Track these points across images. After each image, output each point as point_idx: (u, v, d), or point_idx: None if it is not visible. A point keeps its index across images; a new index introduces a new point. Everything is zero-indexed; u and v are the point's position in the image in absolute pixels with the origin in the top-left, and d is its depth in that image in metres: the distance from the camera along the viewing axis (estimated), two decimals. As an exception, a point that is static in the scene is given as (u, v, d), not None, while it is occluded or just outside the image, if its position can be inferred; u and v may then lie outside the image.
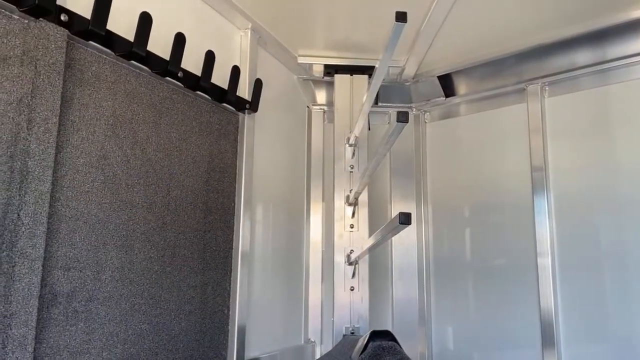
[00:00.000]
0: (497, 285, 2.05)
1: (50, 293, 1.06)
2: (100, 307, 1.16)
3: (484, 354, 2.06)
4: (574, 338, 1.84)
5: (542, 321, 1.88)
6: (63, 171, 1.10)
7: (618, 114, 1.82)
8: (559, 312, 1.87)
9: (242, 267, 1.63)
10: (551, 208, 1.94)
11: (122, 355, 1.21)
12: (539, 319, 1.89)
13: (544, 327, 1.88)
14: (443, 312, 2.18)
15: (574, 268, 1.86)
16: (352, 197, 1.81)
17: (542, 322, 1.88)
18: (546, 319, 1.87)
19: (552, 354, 1.84)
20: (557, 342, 1.85)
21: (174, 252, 1.38)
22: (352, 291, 1.83)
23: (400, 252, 2.19)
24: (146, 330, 1.28)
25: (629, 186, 1.78)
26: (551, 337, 1.85)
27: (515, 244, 2.01)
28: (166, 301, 1.35)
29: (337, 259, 1.86)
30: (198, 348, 1.44)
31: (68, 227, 1.10)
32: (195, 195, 1.48)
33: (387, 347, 1.17)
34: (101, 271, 1.17)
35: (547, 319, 1.87)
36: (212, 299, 1.51)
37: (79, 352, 1.11)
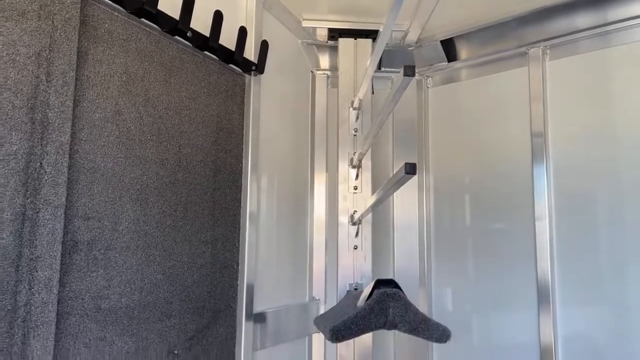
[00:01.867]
0: (496, 249, 2.11)
1: (72, 240, 1.11)
2: (118, 256, 1.22)
3: (482, 315, 2.14)
4: (569, 300, 1.91)
5: (539, 283, 1.94)
6: (80, 125, 1.14)
7: (619, 76, 1.85)
8: (555, 274, 1.93)
9: (250, 226, 1.68)
10: (550, 174, 1.99)
11: (139, 302, 1.27)
12: (535, 281, 1.95)
13: (540, 289, 1.94)
14: (443, 274, 2.25)
15: (570, 232, 1.92)
16: (355, 159, 1.85)
17: (539, 284, 1.94)
18: (542, 281, 1.93)
19: (548, 315, 1.91)
20: (553, 303, 1.92)
21: (185, 207, 1.43)
22: (356, 250, 1.89)
23: (402, 216, 2.25)
24: (161, 280, 1.34)
25: (627, 153, 1.82)
26: (547, 298, 1.91)
27: (514, 209, 2.07)
28: (179, 254, 1.40)
29: (341, 220, 1.91)
30: (209, 299, 1.50)
31: (86, 179, 1.15)
32: (205, 154, 1.52)
33: (391, 293, 1.23)
34: (118, 222, 1.22)
35: (543, 281, 1.93)
36: (222, 254, 1.57)
37: (99, 297, 1.17)
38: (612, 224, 1.83)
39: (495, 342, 2.09)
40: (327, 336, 1.24)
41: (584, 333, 1.89)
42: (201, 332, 1.46)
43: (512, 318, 2.06)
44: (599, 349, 1.85)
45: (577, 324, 1.89)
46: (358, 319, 1.22)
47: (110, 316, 1.19)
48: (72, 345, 1.10)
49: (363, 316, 1.22)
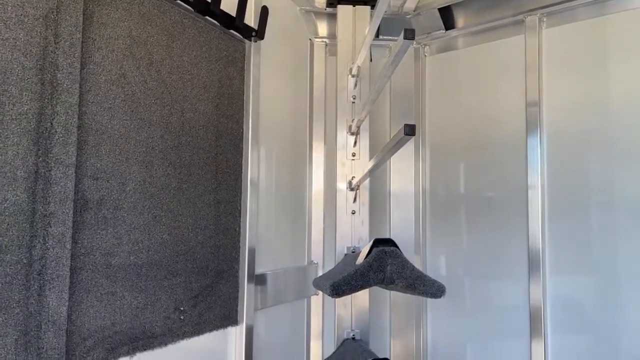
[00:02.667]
0: (489, 217, 2.17)
1: (82, 199, 1.15)
2: (126, 216, 1.26)
3: (475, 280, 2.21)
4: (559, 268, 1.98)
5: (530, 251, 2.01)
6: (87, 87, 1.17)
7: (615, 45, 1.88)
8: (545, 243, 2.00)
9: (250, 191, 1.72)
10: (543, 143, 2.03)
11: (147, 260, 1.32)
12: (526, 250, 2.02)
13: (531, 257, 2.01)
14: (437, 240, 2.31)
15: (562, 202, 1.97)
16: (354, 126, 1.89)
17: (530, 253, 2.01)
18: (533, 249, 2.00)
19: (538, 283, 1.98)
20: (543, 271, 1.99)
21: (189, 170, 1.47)
22: (354, 215, 1.94)
23: (398, 184, 2.30)
24: (167, 240, 1.38)
25: (622, 122, 1.86)
26: (537, 267, 1.98)
27: (508, 178, 2.12)
28: (184, 216, 1.45)
29: (339, 186, 1.96)
30: (213, 260, 1.55)
31: (94, 140, 1.18)
32: (207, 118, 1.55)
33: (389, 251, 1.29)
34: (125, 183, 1.26)
35: (534, 250, 2.00)
36: (224, 217, 1.61)
37: (109, 254, 1.21)
38: (603, 194, 1.89)
39: (487, 305, 2.17)
40: (328, 292, 1.30)
41: (572, 297, 1.96)
42: (206, 290, 1.52)
43: (503, 282, 2.14)
44: (586, 312, 1.93)
45: (566, 288, 1.97)
46: (357, 275, 1.28)
47: (120, 272, 1.24)
48: (85, 298, 1.15)
49: (362, 273, 1.28)
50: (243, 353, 1.66)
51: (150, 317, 1.32)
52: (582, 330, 1.92)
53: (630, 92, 1.85)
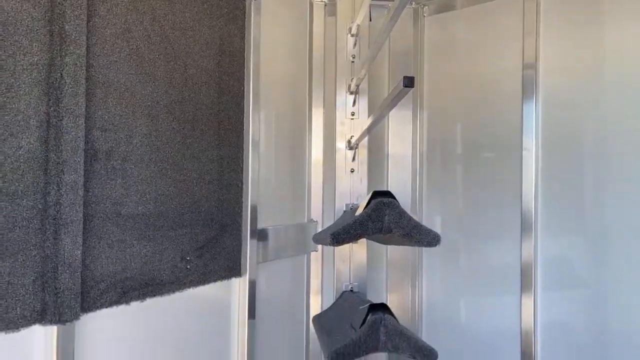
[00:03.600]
0: (484, 178, 2.23)
1: (92, 149, 1.19)
2: (134, 168, 1.31)
3: (469, 241, 2.28)
4: (551, 227, 2.04)
5: (522, 212, 2.07)
6: (93, 40, 1.19)
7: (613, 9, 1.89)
8: (538, 203, 2.06)
9: (252, 148, 1.76)
10: (539, 106, 2.07)
11: (154, 211, 1.37)
12: (519, 210, 2.08)
13: (523, 217, 2.07)
14: (433, 202, 2.37)
15: (556, 162, 2.03)
16: (353, 85, 1.92)
17: (522, 213, 2.07)
18: (526, 209, 2.06)
19: (529, 242, 2.05)
20: (535, 231, 2.06)
21: (193, 126, 1.51)
22: (352, 173, 1.99)
23: (396, 145, 2.34)
24: (173, 193, 1.43)
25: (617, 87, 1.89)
26: (529, 226, 2.05)
27: (503, 140, 2.17)
28: (188, 170, 1.49)
29: (338, 145, 2.00)
30: (217, 213, 1.61)
31: (102, 92, 1.21)
32: (209, 75, 1.58)
33: (387, 202, 1.34)
34: (132, 135, 1.30)
35: (527, 210, 2.06)
36: (227, 172, 1.66)
37: (118, 203, 1.26)
38: (596, 158, 1.93)
39: (480, 263, 2.25)
40: (328, 241, 1.36)
41: (562, 255, 2.04)
42: (210, 242, 1.58)
43: (496, 241, 2.21)
44: (575, 270, 2.00)
45: (556, 247, 2.04)
46: (356, 224, 1.34)
47: (129, 221, 1.29)
48: (97, 244, 1.21)
49: (361, 222, 1.34)
50: (246, 303, 1.73)
51: (159, 265, 1.38)
52: (571, 286, 2.01)
53: (627, 56, 1.87)
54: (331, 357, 1.30)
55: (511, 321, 2.11)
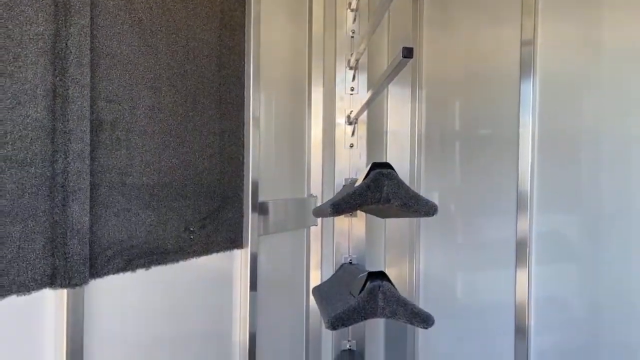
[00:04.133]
0: (482, 155, 2.26)
1: (97, 120, 1.21)
2: (138, 139, 1.33)
3: (465, 216, 2.32)
4: (546, 204, 2.08)
5: (519, 188, 2.11)
6: (97, 11, 1.20)
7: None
8: (534, 179, 2.09)
9: (253, 122, 1.78)
10: (536, 83, 2.09)
11: (158, 181, 1.40)
12: (515, 187, 2.12)
13: (519, 194, 2.11)
14: (431, 177, 2.41)
15: (553, 141, 2.05)
16: (353, 60, 1.93)
17: (518, 189, 2.11)
18: (522, 186, 2.10)
19: (525, 217, 2.09)
20: (530, 207, 2.10)
21: (194, 99, 1.53)
22: (352, 148, 2.02)
23: (395, 121, 2.36)
24: (176, 164, 1.46)
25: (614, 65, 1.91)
26: (525, 202, 2.09)
27: (501, 116, 2.19)
28: (190, 142, 1.52)
29: (338, 120, 2.03)
30: (219, 186, 1.64)
31: (106, 63, 1.23)
32: (210, 49, 1.59)
33: (386, 173, 1.38)
34: (135, 107, 1.32)
35: (523, 187, 2.10)
36: (228, 146, 1.69)
37: (124, 173, 1.29)
38: (593, 135, 1.96)
39: (476, 239, 2.30)
40: (328, 211, 1.39)
41: (557, 231, 2.08)
42: (213, 214, 1.61)
43: (492, 217, 2.25)
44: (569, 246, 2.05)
45: (551, 223, 2.08)
46: (356, 195, 1.37)
47: (134, 191, 1.32)
48: (104, 213, 1.24)
49: (360, 193, 1.37)
50: (248, 275, 1.77)
51: (163, 235, 1.42)
52: (565, 261, 2.05)
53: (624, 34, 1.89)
54: (331, 322, 1.34)
55: (506, 295, 2.17)
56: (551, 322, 2.07)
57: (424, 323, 1.37)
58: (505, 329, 2.15)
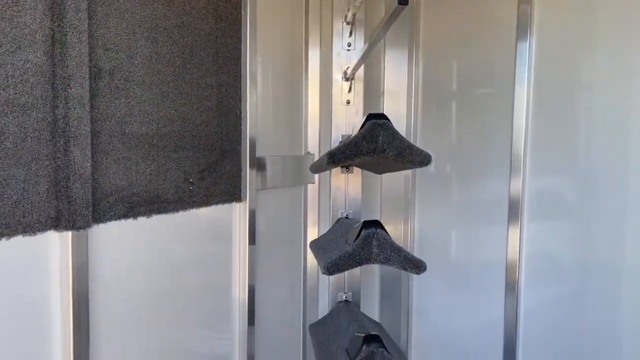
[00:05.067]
0: (477, 115, 2.27)
1: (96, 67, 1.23)
2: (136, 88, 1.35)
3: (460, 176, 2.36)
4: (540, 163, 2.10)
5: (513, 148, 2.13)
6: (92, -43, 1.20)
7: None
8: (528, 138, 2.11)
9: (250, 77, 1.79)
10: (532, 43, 2.09)
11: (157, 131, 1.42)
12: (510, 147, 2.14)
13: (513, 152, 2.13)
14: (428, 138, 2.42)
15: (548, 102, 2.06)
16: (350, 15, 1.93)
17: (513, 149, 2.13)
18: (516, 144, 2.12)
19: (518, 181, 2.12)
20: (524, 165, 2.12)
21: (191, 51, 1.54)
22: (348, 105, 2.04)
23: (392, 81, 2.37)
24: (174, 116, 1.48)
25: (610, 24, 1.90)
26: (518, 166, 2.11)
27: (497, 76, 2.20)
28: (188, 94, 1.54)
29: (334, 77, 2.03)
30: (217, 139, 1.66)
31: (103, 11, 1.24)
32: (207, 1, 1.59)
33: (381, 123, 1.40)
34: (133, 56, 1.34)
35: (517, 145, 2.12)
36: (226, 100, 1.70)
37: (123, 122, 1.31)
38: (588, 94, 1.97)
39: (470, 198, 2.34)
40: (325, 160, 1.42)
41: (549, 190, 2.12)
42: (211, 166, 1.64)
43: (487, 178, 2.28)
44: (561, 204, 2.08)
45: (544, 183, 2.11)
46: (351, 145, 1.40)
47: (133, 140, 1.35)
48: (105, 160, 1.27)
49: (356, 143, 1.40)
50: (247, 228, 1.82)
51: (163, 185, 1.45)
52: (557, 219, 2.10)
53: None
54: (327, 268, 1.39)
55: (498, 251, 2.22)
56: (541, 278, 2.13)
57: (417, 269, 1.42)
58: (496, 285, 2.22)
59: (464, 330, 2.35)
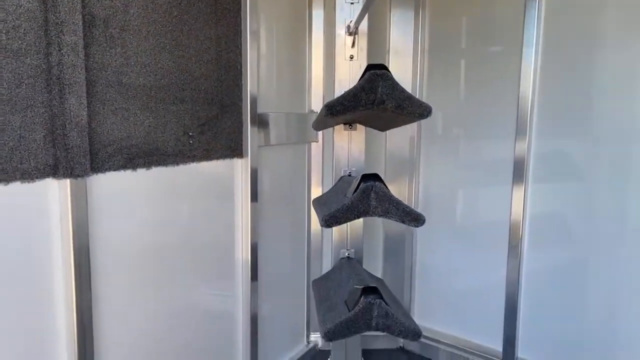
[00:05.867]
0: (484, 74, 2.22)
1: (90, 15, 1.21)
2: (132, 38, 1.33)
3: (466, 137, 2.32)
4: (546, 129, 2.06)
5: (519, 110, 2.09)
6: None
7: None
8: (535, 100, 2.07)
9: (250, 29, 1.76)
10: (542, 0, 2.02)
11: (155, 83, 1.41)
12: (516, 106, 2.10)
13: (519, 116, 2.09)
14: (434, 98, 2.38)
15: (556, 61, 2.01)
16: (353, -34, 1.87)
17: (519, 111, 2.09)
18: (523, 105, 2.07)
19: (524, 142, 2.08)
20: (530, 131, 2.08)
21: (189, 1, 1.51)
22: (352, 60, 2.00)
23: (398, 40, 2.32)
24: (172, 67, 1.47)
25: None
26: (524, 126, 2.07)
27: (505, 35, 2.13)
28: (186, 46, 1.52)
29: (338, 31, 1.99)
30: (217, 94, 1.65)
31: (95, -44, 1.22)
32: (204, -51, 1.55)
33: (380, 74, 1.37)
34: (129, 5, 1.32)
35: (523, 106, 2.07)
36: (225, 53, 1.68)
37: (119, 72, 1.31)
38: (597, 51, 1.91)
39: (475, 159, 2.31)
40: (323, 112, 1.41)
41: (555, 151, 2.08)
42: (211, 121, 1.64)
43: (492, 138, 2.25)
44: (567, 165, 2.05)
45: (550, 144, 2.07)
46: (350, 96, 1.38)
47: (131, 91, 1.34)
48: (102, 110, 1.27)
49: (354, 94, 1.38)
50: (249, 184, 1.82)
51: (162, 137, 1.45)
52: (562, 180, 2.07)
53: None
54: (325, 220, 1.39)
55: (501, 212, 2.21)
56: (545, 239, 2.12)
57: (415, 222, 1.42)
58: (499, 245, 2.21)
59: (467, 290, 2.36)
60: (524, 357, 2.17)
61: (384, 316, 1.40)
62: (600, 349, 1.99)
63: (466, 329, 2.37)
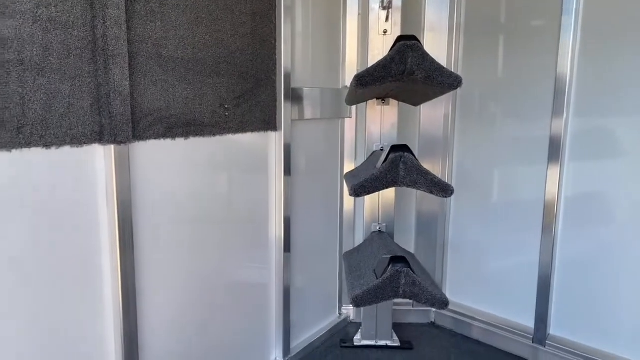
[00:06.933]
0: (521, 50, 2.17)
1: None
2: (172, 12, 1.40)
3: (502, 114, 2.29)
4: (584, 106, 2.00)
5: (556, 87, 2.03)
6: None
7: None
8: (574, 79, 2.01)
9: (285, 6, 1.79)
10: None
11: (192, 56, 1.48)
12: (554, 82, 2.04)
13: (557, 93, 2.04)
14: (471, 73, 2.35)
15: (595, 35, 1.94)
16: (387, -61, 1.86)
17: (556, 88, 2.04)
18: (560, 85, 2.02)
19: (560, 120, 2.04)
20: (567, 108, 2.03)
21: (225, -23, 1.56)
22: (385, 34, 2.01)
23: (433, 14, 2.29)
24: (209, 41, 1.53)
25: None
26: (562, 104, 2.02)
27: (544, 9, 2.08)
28: (222, 21, 1.57)
29: (372, 5, 2.00)
30: (252, 67, 1.70)
31: None
32: None
33: (411, 45, 1.38)
34: (168, -20, 1.38)
35: (560, 85, 2.02)
36: (260, 28, 1.72)
37: (159, 45, 1.37)
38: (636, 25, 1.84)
39: (510, 136, 2.27)
40: (353, 84, 1.44)
41: (594, 130, 2.02)
42: (246, 94, 1.69)
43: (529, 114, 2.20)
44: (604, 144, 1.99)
45: (587, 122, 2.02)
46: (380, 67, 1.40)
47: (170, 64, 1.41)
48: (143, 81, 1.34)
49: (384, 65, 1.40)
50: (282, 157, 1.88)
51: (199, 109, 1.52)
52: (600, 159, 2.02)
53: None
54: (354, 189, 1.43)
55: (536, 192, 2.18)
56: (580, 219, 2.08)
57: (444, 192, 1.43)
58: (533, 225, 2.19)
59: (499, 267, 2.35)
60: (556, 334, 2.16)
61: (411, 284, 1.43)
62: (632, 332, 1.95)
63: (497, 305, 2.37)
